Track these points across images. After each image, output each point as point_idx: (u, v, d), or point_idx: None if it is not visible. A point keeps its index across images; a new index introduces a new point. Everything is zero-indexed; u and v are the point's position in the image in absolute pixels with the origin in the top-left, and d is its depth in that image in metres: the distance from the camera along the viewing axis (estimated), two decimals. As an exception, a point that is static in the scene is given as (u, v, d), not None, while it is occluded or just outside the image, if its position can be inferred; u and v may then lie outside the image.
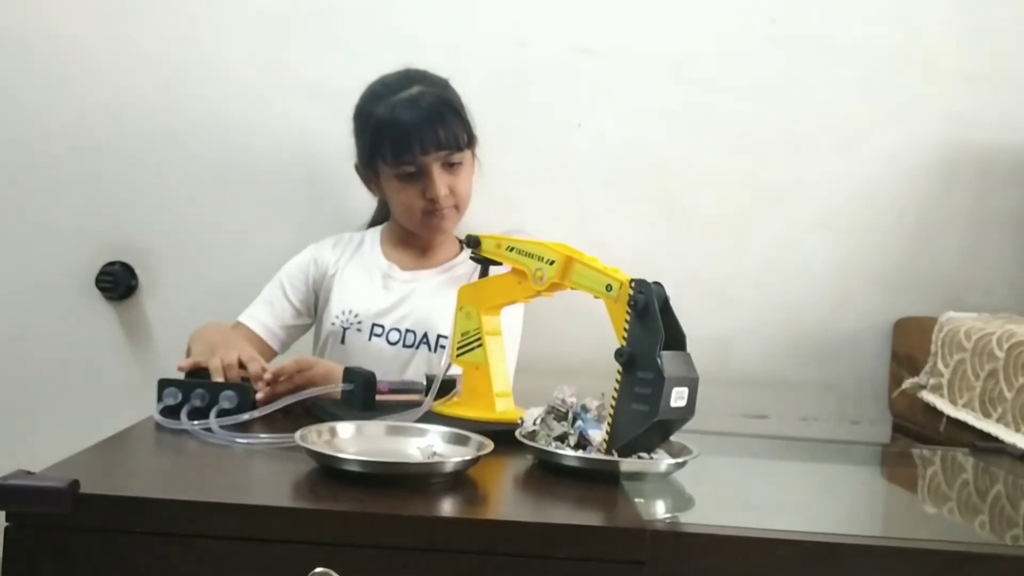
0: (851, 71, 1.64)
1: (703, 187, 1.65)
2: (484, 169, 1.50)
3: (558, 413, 0.98)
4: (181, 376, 1.15)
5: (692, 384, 0.93)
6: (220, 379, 1.13)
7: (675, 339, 0.92)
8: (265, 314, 1.42)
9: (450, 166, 1.37)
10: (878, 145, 1.66)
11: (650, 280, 0.94)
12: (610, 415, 0.93)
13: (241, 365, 1.16)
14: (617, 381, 0.93)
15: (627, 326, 0.92)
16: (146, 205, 1.63)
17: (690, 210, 1.65)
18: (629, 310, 0.92)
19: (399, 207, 1.42)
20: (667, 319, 0.91)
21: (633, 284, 0.91)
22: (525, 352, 1.42)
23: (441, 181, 1.36)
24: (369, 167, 1.42)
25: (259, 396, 1.11)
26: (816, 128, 1.65)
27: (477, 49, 1.61)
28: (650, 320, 0.90)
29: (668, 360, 0.90)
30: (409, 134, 1.33)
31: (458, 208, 1.41)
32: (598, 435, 0.95)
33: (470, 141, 1.40)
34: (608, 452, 0.92)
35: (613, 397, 0.93)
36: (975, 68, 1.65)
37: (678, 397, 0.91)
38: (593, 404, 0.99)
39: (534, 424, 0.99)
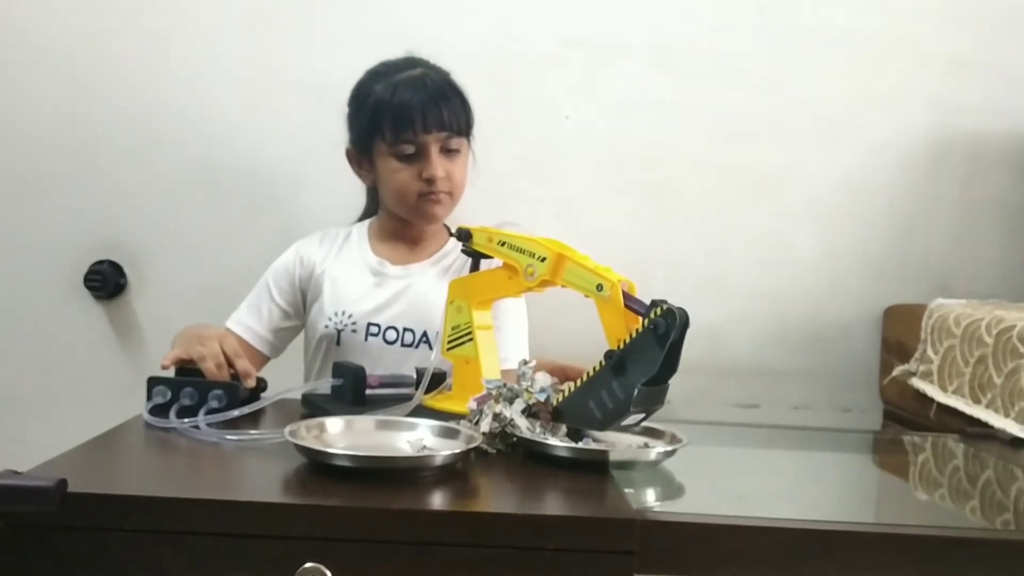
0: (838, 59, 1.65)
1: (691, 177, 1.65)
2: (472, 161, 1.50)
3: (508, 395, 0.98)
4: (170, 374, 1.14)
5: (652, 411, 0.95)
6: (217, 375, 1.12)
7: (666, 372, 0.92)
8: (253, 320, 1.39)
9: (448, 152, 1.35)
10: (866, 133, 1.66)
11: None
12: (569, 389, 0.95)
13: (229, 363, 1.15)
14: (594, 369, 0.94)
15: (634, 336, 0.92)
16: (134, 203, 1.63)
17: (679, 200, 1.66)
18: (647, 329, 0.91)
19: (393, 190, 1.37)
20: (673, 349, 0.90)
21: (663, 309, 0.90)
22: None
23: (439, 162, 1.33)
24: (363, 150, 1.39)
25: None
26: (804, 117, 1.65)
27: (463, 42, 1.60)
28: (657, 350, 0.90)
29: (643, 394, 0.91)
30: (411, 111, 1.31)
31: (452, 195, 1.38)
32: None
33: (469, 128, 1.38)
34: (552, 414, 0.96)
35: (581, 378, 0.95)
36: (962, 55, 1.66)
37: (632, 419, 0.93)
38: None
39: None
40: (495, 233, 1.11)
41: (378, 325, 1.36)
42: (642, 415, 0.94)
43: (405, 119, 1.31)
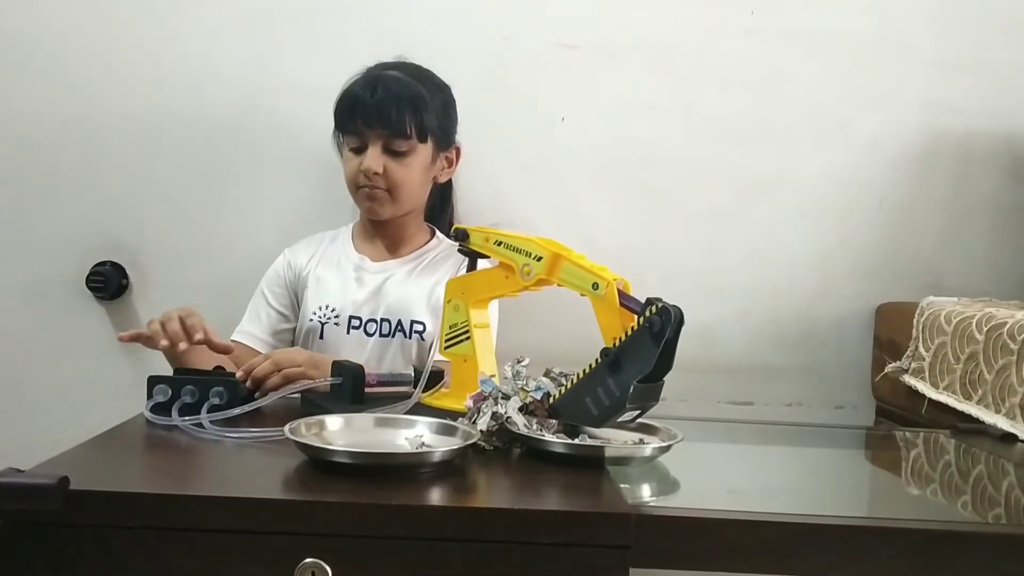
0: (830, 61, 1.66)
1: (686, 178, 1.66)
2: (469, 163, 1.52)
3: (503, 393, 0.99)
4: (170, 373, 1.15)
5: (647, 408, 0.96)
6: (160, 335, 1.15)
7: (661, 369, 0.93)
8: (254, 326, 1.46)
9: (393, 153, 1.40)
10: (858, 134, 1.67)
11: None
12: (567, 386, 0.96)
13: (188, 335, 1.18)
14: (589, 366, 0.95)
15: (629, 334, 0.93)
16: (136, 205, 1.63)
17: (674, 201, 1.66)
18: (642, 327, 0.92)
19: (345, 179, 1.45)
20: (668, 346, 0.92)
21: (658, 307, 0.91)
22: (511, 343, 1.43)
23: (376, 158, 1.39)
24: (335, 143, 1.48)
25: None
26: (796, 118, 1.66)
27: (460, 44, 1.61)
28: (652, 348, 0.91)
29: (638, 391, 0.92)
30: (355, 104, 1.38)
31: (392, 194, 1.42)
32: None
33: (421, 136, 1.41)
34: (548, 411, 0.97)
35: (578, 375, 0.96)
36: (952, 56, 1.67)
37: (627, 415, 0.95)
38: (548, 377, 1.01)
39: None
40: (492, 233, 1.12)
41: (359, 318, 1.42)
42: (637, 411, 0.96)
43: (348, 112, 1.39)
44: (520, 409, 0.97)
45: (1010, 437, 1.20)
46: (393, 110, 1.37)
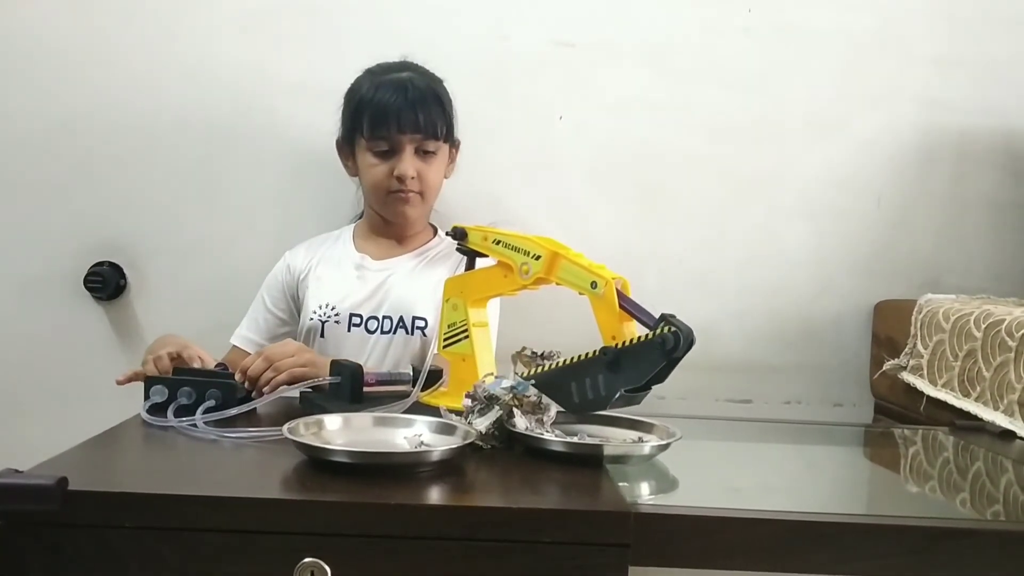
0: (827, 59, 1.66)
1: (684, 176, 1.66)
2: (467, 162, 1.52)
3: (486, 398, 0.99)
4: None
5: (623, 408, 0.98)
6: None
7: (653, 381, 0.94)
8: (251, 330, 1.47)
9: (424, 153, 1.41)
10: (855, 132, 1.67)
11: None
12: (557, 364, 0.97)
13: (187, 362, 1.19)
14: (586, 355, 0.95)
15: (637, 341, 0.93)
16: (134, 205, 1.63)
17: (672, 199, 1.67)
18: (655, 340, 0.92)
19: (368, 184, 1.44)
20: (672, 364, 0.93)
21: (672, 327, 0.92)
22: (510, 341, 1.43)
23: (410, 162, 1.40)
24: (347, 142, 1.46)
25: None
26: (794, 116, 1.66)
27: (458, 44, 1.62)
28: (657, 362, 0.92)
29: (623, 398, 0.94)
30: (388, 110, 1.38)
31: (423, 196, 1.43)
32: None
33: (448, 135, 1.44)
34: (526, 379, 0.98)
35: (570, 359, 0.97)
36: (949, 54, 1.67)
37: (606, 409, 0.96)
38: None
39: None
40: (490, 232, 1.12)
41: (360, 316, 1.42)
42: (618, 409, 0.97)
43: (382, 118, 1.38)
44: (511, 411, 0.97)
45: (1008, 434, 1.21)
46: (426, 113, 1.39)
